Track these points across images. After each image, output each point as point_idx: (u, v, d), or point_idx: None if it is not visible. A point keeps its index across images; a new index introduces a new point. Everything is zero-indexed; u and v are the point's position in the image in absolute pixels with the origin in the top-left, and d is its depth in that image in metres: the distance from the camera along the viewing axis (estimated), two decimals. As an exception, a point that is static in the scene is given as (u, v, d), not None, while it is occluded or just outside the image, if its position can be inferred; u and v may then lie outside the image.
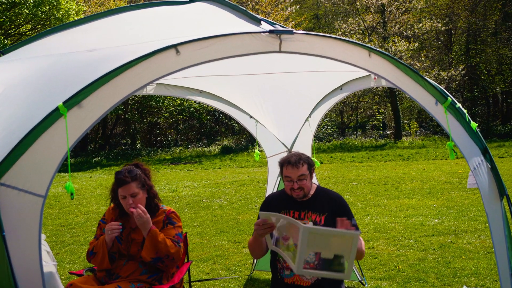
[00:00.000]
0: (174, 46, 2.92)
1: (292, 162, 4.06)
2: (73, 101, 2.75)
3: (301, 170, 4.08)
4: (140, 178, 4.17)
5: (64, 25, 4.20)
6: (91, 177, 19.30)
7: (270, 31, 3.07)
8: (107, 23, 4.08)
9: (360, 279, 6.00)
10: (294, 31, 3.07)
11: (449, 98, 3.43)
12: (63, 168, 14.98)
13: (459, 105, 3.50)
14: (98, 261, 4.11)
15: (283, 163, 4.14)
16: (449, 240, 7.79)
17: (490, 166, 3.52)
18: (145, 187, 4.20)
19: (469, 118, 3.56)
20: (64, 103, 2.72)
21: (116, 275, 4.14)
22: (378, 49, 3.36)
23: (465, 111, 3.56)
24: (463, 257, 6.89)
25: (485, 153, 3.50)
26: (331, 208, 4.17)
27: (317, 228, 3.77)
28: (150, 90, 5.44)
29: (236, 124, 30.72)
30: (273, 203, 4.30)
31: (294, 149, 5.99)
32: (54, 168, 2.71)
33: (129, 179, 4.08)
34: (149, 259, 4.05)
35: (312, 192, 4.22)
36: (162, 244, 4.02)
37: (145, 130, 31.62)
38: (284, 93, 5.60)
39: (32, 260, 2.63)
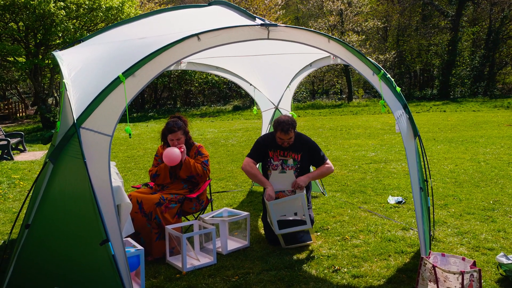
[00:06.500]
0: (196, 34, 2.85)
1: (284, 130, 3.98)
2: (129, 72, 2.72)
3: (289, 135, 4.03)
4: (182, 127, 4.25)
5: (123, 21, 4.08)
6: (147, 125, 19.19)
7: (261, 24, 3.01)
8: (152, 19, 3.97)
9: (322, 191, 6.07)
10: (277, 24, 2.99)
11: (382, 70, 3.36)
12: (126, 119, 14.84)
13: (388, 75, 3.43)
14: (161, 179, 4.22)
15: (277, 128, 4.04)
16: (381, 166, 7.83)
17: (408, 116, 3.47)
18: (185, 132, 4.28)
19: (395, 84, 3.49)
20: (123, 73, 2.70)
21: (166, 187, 4.24)
22: (334, 37, 3.27)
23: (392, 79, 3.49)
24: (390, 177, 6.94)
25: (405, 107, 3.45)
26: (304, 148, 4.17)
27: (276, 200, 3.88)
28: (183, 66, 5.34)
29: (243, 91, 30.38)
30: (265, 142, 4.26)
31: (279, 106, 5.93)
32: (117, 117, 2.70)
33: (176, 128, 4.19)
34: (185, 176, 4.19)
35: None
36: (192, 167, 4.17)
37: (182, 95, 31.24)
38: (272, 68, 5.50)
39: (104, 177, 2.64)
